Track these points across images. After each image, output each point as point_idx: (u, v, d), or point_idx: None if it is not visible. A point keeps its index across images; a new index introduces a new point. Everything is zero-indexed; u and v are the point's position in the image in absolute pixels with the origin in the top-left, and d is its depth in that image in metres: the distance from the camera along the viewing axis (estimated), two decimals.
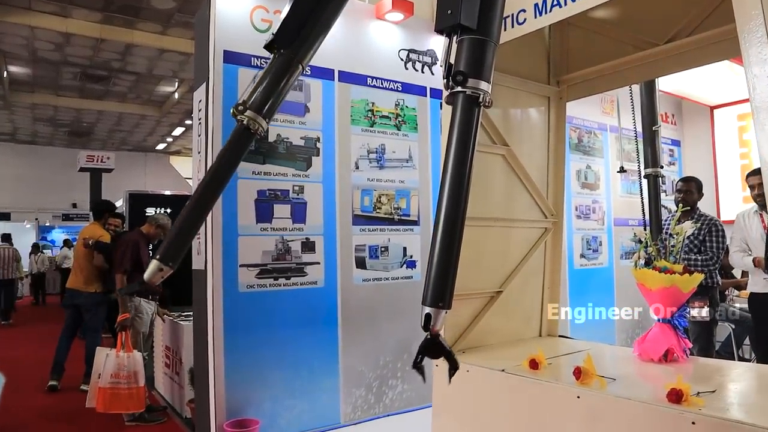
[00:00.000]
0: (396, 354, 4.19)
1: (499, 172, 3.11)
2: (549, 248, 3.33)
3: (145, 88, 13.80)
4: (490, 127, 3.01)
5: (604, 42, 3.14)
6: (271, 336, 3.66)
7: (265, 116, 2.32)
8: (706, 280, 4.04)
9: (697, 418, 1.76)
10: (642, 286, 2.68)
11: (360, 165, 4.16)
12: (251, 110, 2.28)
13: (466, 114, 1.73)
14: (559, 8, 2.32)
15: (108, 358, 4.27)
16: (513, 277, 3.14)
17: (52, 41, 10.52)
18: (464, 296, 2.93)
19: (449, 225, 1.69)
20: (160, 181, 19.30)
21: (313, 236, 3.89)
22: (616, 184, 5.96)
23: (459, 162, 1.72)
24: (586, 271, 5.55)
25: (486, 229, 3.05)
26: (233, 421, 3.43)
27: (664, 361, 2.51)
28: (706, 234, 4.06)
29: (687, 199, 4.10)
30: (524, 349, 2.51)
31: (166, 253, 2.18)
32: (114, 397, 4.22)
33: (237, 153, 2.37)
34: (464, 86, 1.72)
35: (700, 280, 2.61)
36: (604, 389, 2.10)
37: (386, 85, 4.31)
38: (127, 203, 8.81)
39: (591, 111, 5.77)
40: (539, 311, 3.31)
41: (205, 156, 3.65)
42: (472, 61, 1.74)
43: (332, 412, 3.87)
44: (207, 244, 3.54)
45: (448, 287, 1.66)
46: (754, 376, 2.46)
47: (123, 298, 4.64)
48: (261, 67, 3.76)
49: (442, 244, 1.67)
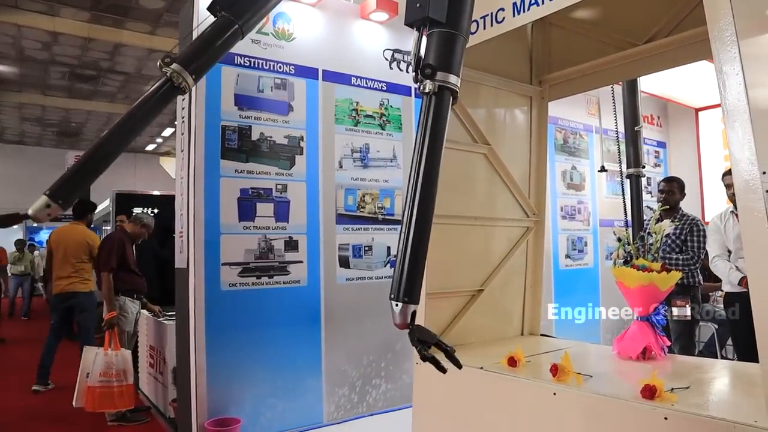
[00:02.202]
0: (380, 353, 4.19)
1: (481, 171, 3.13)
2: (531, 247, 3.35)
3: (134, 88, 13.73)
4: (472, 126, 3.02)
5: (585, 42, 3.16)
6: (254, 335, 3.65)
7: (192, 73, 2.19)
8: (688, 279, 4.07)
9: (670, 413, 1.78)
10: (621, 284, 2.70)
11: (344, 164, 4.16)
12: (178, 64, 2.16)
13: (436, 108, 1.70)
14: (536, 7, 2.33)
15: (97, 357, 4.27)
16: (494, 276, 3.16)
17: (39, 40, 10.45)
18: (446, 294, 2.94)
19: (418, 222, 1.64)
20: (150, 182, 19.17)
21: (296, 235, 3.89)
22: (602, 185, 6.00)
23: (428, 157, 1.69)
24: (571, 272, 5.58)
25: (467, 228, 3.07)
26: (214, 420, 3.42)
27: (642, 359, 2.54)
28: (688, 234, 4.09)
29: (669, 200, 4.13)
30: (505, 348, 2.51)
31: (57, 191, 1.98)
32: (104, 395, 4.22)
33: (156, 105, 2.22)
34: (433, 79, 1.69)
35: (677, 278, 2.63)
36: (581, 386, 2.11)
37: (371, 84, 4.32)
38: (114, 203, 8.75)
39: (577, 112, 5.81)
40: (521, 310, 3.33)
41: (188, 155, 3.63)
42: (441, 55, 1.71)
43: (315, 411, 3.87)
44: (189, 243, 3.53)
45: (417, 283, 1.59)
46: (729, 373, 2.47)
47: (110, 297, 4.63)
48: (244, 65, 3.78)
49: (412, 241, 1.62)
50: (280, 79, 3.91)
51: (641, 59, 2.96)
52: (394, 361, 4.25)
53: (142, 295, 5.08)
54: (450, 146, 2.89)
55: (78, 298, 5.55)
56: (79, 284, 5.56)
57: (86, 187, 2.15)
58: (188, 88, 2.22)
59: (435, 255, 2.81)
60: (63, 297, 5.60)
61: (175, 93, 2.22)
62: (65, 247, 5.61)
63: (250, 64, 3.79)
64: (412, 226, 1.62)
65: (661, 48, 2.82)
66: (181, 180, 3.75)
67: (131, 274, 4.96)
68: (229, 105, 3.70)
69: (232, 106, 3.71)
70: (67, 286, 5.56)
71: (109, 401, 4.22)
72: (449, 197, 2.93)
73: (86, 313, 5.58)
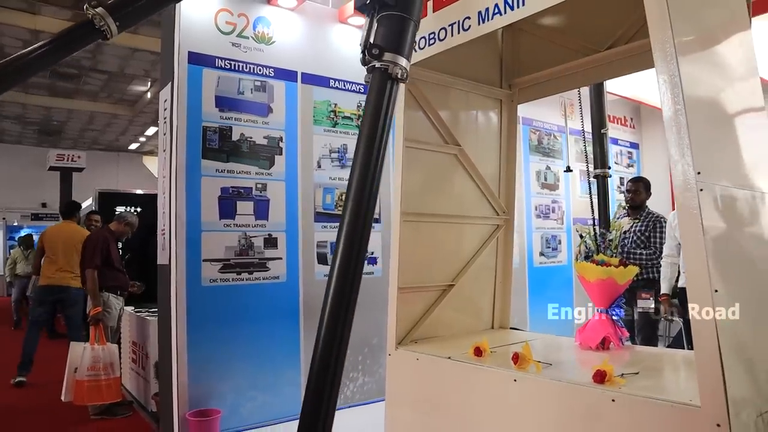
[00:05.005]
0: (357, 348, 4.30)
1: (452, 171, 3.24)
2: (501, 244, 3.48)
3: (116, 87, 13.70)
4: (443, 128, 3.15)
5: (552, 48, 3.29)
6: (234, 329, 3.76)
7: (117, 20, 2.03)
8: (652, 273, 4.25)
9: (617, 395, 1.92)
10: (582, 278, 2.84)
11: (322, 164, 4.28)
12: (104, 8, 2.02)
13: (380, 90, 1.63)
14: (499, 16, 2.47)
15: (84, 352, 4.38)
16: (465, 272, 3.27)
17: (20, 38, 10.41)
18: (417, 289, 3.06)
19: (354, 217, 1.54)
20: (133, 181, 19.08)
21: (275, 232, 4.00)
22: (576, 185, 6.17)
23: (368, 143, 1.59)
24: (545, 269, 5.74)
25: (439, 225, 3.19)
26: (195, 411, 3.52)
27: (602, 349, 2.68)
28: (651, 230, 4.28)
29: (635, 199, 4.31)
30: (474, 340, 2.62)
31: None
32: (91, 389, 4.35)
33: (72, 42, 2.10)
34: (380, 60, 1.63)
35: (635, 273, 2.78)
36: (539, 373, 2.25)
37: (348, 86, 4.43)
38: (97, 202, 8.78)
39: (551, 114, 5.97)
40: (491, 304, 3.46)
41: (170, 155, 3.73)
42: (389, 35, 1.67)
43: (294, 404, 3.97)
44: (171, 240, 3.63)
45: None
46: (678, 361, 2.62)
47: (95, 293, 4.73)
48: (225, 68, 3.88)
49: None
50: (260, 82, 4.02)
51: (603, 65, 3.11)
52: (371, 355, 4.37)
53: (125, 291, 5.17)
54: (421, 147, 3.05)
55: (69, 292, 5.66)
56: (71, 279, 5.66)
57: None
58: (110, 33, 2.04)
59: (407, 251, 2.97)
60: (53, 290, 5.71)
61: (95, 35, 2.06)
62: (62, 242, 5.76)
63: (231, 67, 3.89)
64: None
65: (620, 54, 2.96)
66: (164, 179, 3.84)
67: (115, 271, 5.05)
68: (210, 106, 3.80)
69: (213, 108, 3.82)
70: (59, 280, 5.69)
71: (97, 394, 4.34)
72: (421, 196, 3.07)
73: (76, 308, 5.67)
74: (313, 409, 1.40)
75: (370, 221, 1.56)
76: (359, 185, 1.55)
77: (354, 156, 1.61)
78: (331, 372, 1.44)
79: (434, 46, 2.81)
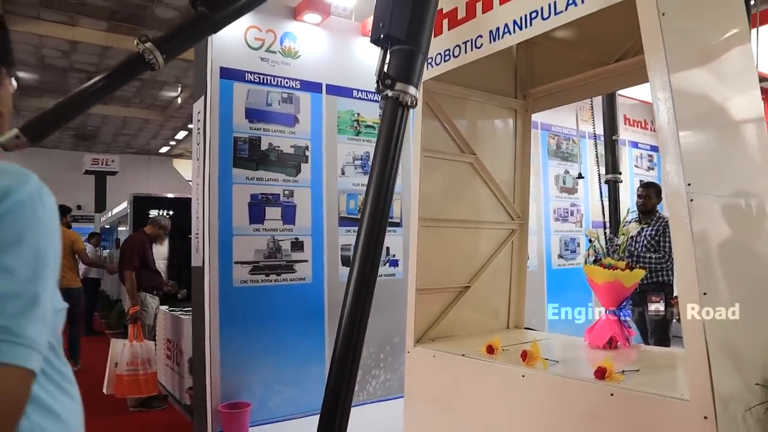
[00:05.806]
0: (379, 346, 4.48)
1: (468, 179, 3.40)
2: (516, 248, 3.63)
3: (149, 93, 14.15)
4: (459, 138, 3.32)
5: (565, 60, 3.44)
6: (263, 327, 3.98)
7: (163, 53, 2.36)
8: (662, 277, 4.34)
9: (615, 390, 2.08)
10: (590, 280, 2.99)
11: (346, 171, 4.47)
12: (152, 43, 2.33)
13: (391, 117, 1.83)
14: (509, 35, 2.64)
15: (124, 348, 4.68)
16: (481, 274, 3.44)
17: (59, 48, 10.88)
18: (435, 290, 3.23)
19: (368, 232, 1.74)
20: (164, 184, 19.57)
21: (301, 236, 4.21)
22: (594, 189, 6.25)
23: (381, 166, 1.79)
24: (563, 271, 5.85)
25: (456, 230, 3.36)
26: (227, 404, 3.75)
27: (609, 348, 2.82)
28: (661, 234, 4.37)
29: (646, 204, 4.41)
30: (488, 339, 2.78)
31: (29, 127, 2.11)
32: (131, 382, 4.64)
33: (125, 73, 2.40)
34: (393, 89, 1.83)
35: (641, 276, 2.92)
36: (546, 369, 2.41)
37: (371, 97, 4.60)
38: (132, 205, 9.15)
39: (569, 119, 6.07)
40: (507, 305, 3.61)
41: (203, 163, 3.97)
42: (399, 67, 1.87)
43: (319, 398, 4.14)
44: (205, 243, 3.87)
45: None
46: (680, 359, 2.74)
47: (133, 293, 5.02)
48: (254, 82, 4.11)
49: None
50: (287, 94, 4.23)
51: (613, 76, 3.26)
52: (393, 353, 4.55)
53: (161, 291, 5.46)
54: (438, 156, 3.23)
55: (73, 291, 6.08)
56: (73, 281, 6.06)
57: (51, 130, 2.27)
58: (158, 65, 2.35)
59: (425, 254, 3.15)
60: (64, 292, 6.08)
61: (145, 67, 2.37)
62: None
63: (260, 81, 4.11)
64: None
65: (629, 66, 3.11)
66: (197, 186, 4.08)
67: (151, 272, 5.34)
68: (240, 118, 4.03)
69: (243, 119, 4.04)
70: (65, 283, 6.03)
71: (136, 388, 4.64)
72: (439, 202, 3.25)
73: (79, 305, 6.14)
74: (332, 404, 1.64)
75: (382, 240, 1.77)
76: (373, 205, 1.76)
77: (368, 181, 1.81)
78: (348, 369, 1.69)
79: (449, 62, 2.99)
